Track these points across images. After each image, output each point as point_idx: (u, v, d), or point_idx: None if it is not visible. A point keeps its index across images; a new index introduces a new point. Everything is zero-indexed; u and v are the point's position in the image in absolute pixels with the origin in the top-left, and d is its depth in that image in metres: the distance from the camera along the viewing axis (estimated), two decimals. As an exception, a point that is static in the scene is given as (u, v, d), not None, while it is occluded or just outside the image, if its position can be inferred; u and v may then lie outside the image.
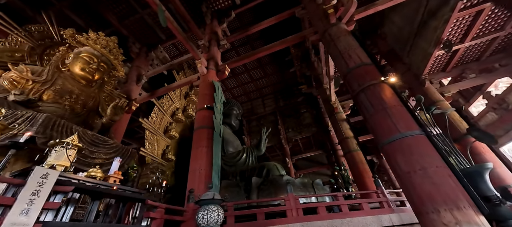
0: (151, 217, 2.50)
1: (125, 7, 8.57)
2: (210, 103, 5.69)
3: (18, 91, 3.36)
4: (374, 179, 3.91)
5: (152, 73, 8.89)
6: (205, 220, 2.54)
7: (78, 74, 4.88)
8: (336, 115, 8.72)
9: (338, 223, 3.14)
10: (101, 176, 2.65)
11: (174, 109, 8.92)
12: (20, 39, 4.88)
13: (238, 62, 6.90)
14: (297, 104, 19.32)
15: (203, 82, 6.28)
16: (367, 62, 4.36)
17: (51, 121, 2.95)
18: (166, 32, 9.95)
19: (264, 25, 7.66)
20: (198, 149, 4.82)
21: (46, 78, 4.13)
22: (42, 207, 1.57)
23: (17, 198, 1.47)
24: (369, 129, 3.89)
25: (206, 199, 2.68)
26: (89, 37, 5.23)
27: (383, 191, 3.74)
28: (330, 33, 5.21)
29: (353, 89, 4.19)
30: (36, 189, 1.57)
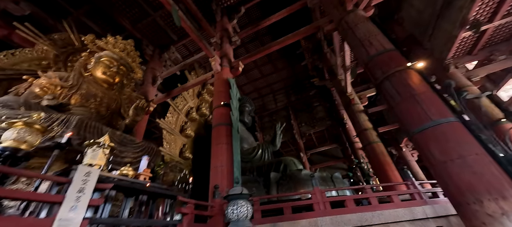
0: (183, 213, 2.54)
1: (137, 11, 8.76)
2: (226, 100, 5.70)
3: (50, 96, 3.54)
4: (403, 170, 3.74)
5: (166, 74, 9.07)
6: (235, 214, 2.54)
7: (100, 78, 5.05)
8: (353, 106, 8.46)
9: (368, 216, 3.04)
10: (133, 174, 2.73)
11: (188, 109, 9.06)
12: (45, 48, 5.13)
13: (251, 58, 6.84)
14: (309, 98, 19.01)
15: (217, 79, 6.30)
16: (390, 48, 4.14)
17: (84, 122, 3.08)
18: (178, 33, 10.08)
19: (275, 18, 7.53)
20: (218, 145, 4.86)
21: (72, 83, 4.31)
22: (87, 204, 1.63)
23: (66, 195, 1.54)
24: (396, 118, 3.71)
25: (234, 194, 2.68)
26: (108, 41, 5.38)
27: (413, 182, 3.57)
28: (347, 21, 5.01)
29: (376, 77, 4.00)
30: (81, 186, 1.63)
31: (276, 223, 3.01)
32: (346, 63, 7.05)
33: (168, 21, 9.38)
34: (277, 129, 10.78)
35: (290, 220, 3.03)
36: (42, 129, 2.02)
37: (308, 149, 20.91)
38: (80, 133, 2.90)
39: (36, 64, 4.86)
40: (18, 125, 1.94)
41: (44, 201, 1.46)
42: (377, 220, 3.02)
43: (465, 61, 7.76)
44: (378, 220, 3.01)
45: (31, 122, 1.97)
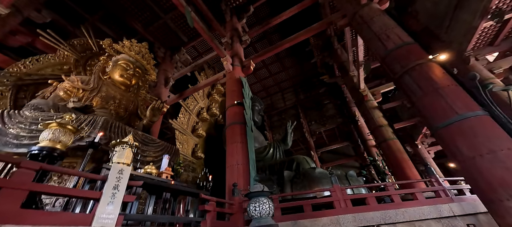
0: (206, 210, 2.58)
1: (149, 14, 8.96)
2: (239, 99, 5.73)
3: (75, 98, 3.70)
4: (426, 167, 3.62)
5: (178, 75, 9.23)
6: (257, 211, 2.55)
7: (117, 80, 5.21)
8: (366, 103, 8.26)
9: (391, 214, 2.96)
10: (156, 172, 2.80)
11: (199, 109, 9.19)
12: (66, 53, 5.35)
13: (262, 56, 6.84)
14: (319, 96, 18.77)
15: (229, 79, 6.34)
16: (408, 41, 4.02)
17: (109, 123, 3.20)
18: (188, 35, 10.24)
19: (285, 15, 7.48)
20: (233, 144, 4.89)
21: (93, 86, 4.47)
22: (122, 200, 1.69)
23: (103, 192, 1.60)
24: (417, 113, 3.60)
25: (256, 192, 2.69)
26: (124, 45, 5.54)
27: (437, 179, 3.45)
28: (361, 15, 4.90)
29: (395, 71, 3.89)
30: (116, 183, 1.69)
31: (296, 221, 3.00)
32: (359, 58, 6.89)
33: (179, 23, 9.54)
34: (288, 127, 10.73)
35: (310, 218, 3.00)
36: (74, 129, 2.11)
37: (319, 147, 20.66)
38: (106, 133, 3.01)
39: (58, 69, 5.08)
40: (52, 126, 2.03)
41: (85, 197, 1.52)
42: (401, 218, 2.94)
43: (486, 52, 7.39)
44: (402, 218, 2.93)
45: (64, 122, 2.06)
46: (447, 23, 7.53)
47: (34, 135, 2.50)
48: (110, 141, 2.66)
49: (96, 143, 2.12)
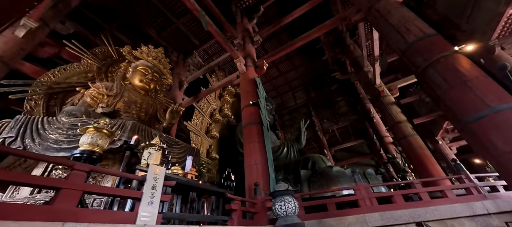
0: (232, 209, 2.63)
1: (162, 20, 9.23)
2: (254, 100, 5.77)
3: (104, 104, 3.90)
4: (455, 163, 3.47)
5: (192, 78, 9.44)
6: (283, 210, 2.57)
7: (137, 85, 5.41)
8: (383, 99, 8.03)
9: (421, 212, 2.87)
10: (181, 173, 2.88)
11: (211, 111, 9.33)
12: (89, 62, 5.63)
13: (275, 56, 6.85)
14: (330, 93, 18.45)
15: (243, 79, 6.39)
16: (431, 33, 3.87)
17: (136, 126, 3.35)
18: (199, 38, 10.44)
19: (297, 13, 7.43)
20: (251, 144, 4.93)
21: (116, 92, 4.68)
22: (160, 200, 1.76)
23: (143, 192, 1.68)
24: (443, 107, 3.46)
25: (281, 190, 2.71)
26: (142, 51, 5.75)
27: (468, 175, 3.29)
28: (377, 9, 4.77)
29: (417, 65, 3.76)
30: (153, 183, 1.77)
31: (321, 220, 2.98)
32: (375, 53, 6.71)
33: (190, 27, 9.75)
34: (302, 126, 10.63)
35: (336, 217, 2.97)
36: (109, 133, 2.23)
37: (332, 145, 20.29)
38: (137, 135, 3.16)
39: (83, 77, 5.36)
40: (90, 130, 2.16)
41: (127, 196, 1.61)
42: (431, 216, 2.84)
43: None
44: (433, 216, 2.83)
45: (100, 127, 2.19)
46: (468, 12, 7.14)
47: (71, 139, 2.68)
48: (138, 144, 2.78)
49: (132, 145, 2.23)
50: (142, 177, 1.74)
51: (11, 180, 1.09)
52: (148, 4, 8.41)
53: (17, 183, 1.17)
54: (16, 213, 1.04)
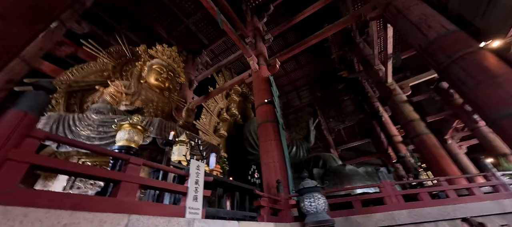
0: (261, 206, 2.64)
1: (172, 20, 9.27)
2: (269, 98, 5.77)
3: (128, 101, 3.94)
4: (480, 161, 3.43)
5: (201, 77, 9.46)
6: (313, 207, 2.56)
7: (153, 84, 5.45)
8: (395, 97, 7.96)
9: (450, 210, 2.84)
10: (208, 170, 2.89)
11: (219, 110, 9.34)
12: (105, 60, 5.68)
13: (287, 54, 6.83)
14: (337, 92, 18.34)
15: (257, 78, 6.39)
16: (453, 29, 3.83)
17: (162, 123, 3.38)
18: (208, 37, 10.46)
19: (308, 12, 7.41)
20: (267, 142, 4.93)
21: (134, 90, 4.72)
22: (202, 195, 1.77)
23: (188, 186, 1.69)
24: (469, 103, 3.42)
25: (309, 187, 2.71)
26: (158, 50, 5.78)
27: (494, 173, 3.25)
28: (395, 6, 4.73)
29: (440, 61, 3.72)
30: (196, 179, 1.78)
31: (348, 217, 2.97)
32: (388, 51, 6.65)
33: (200, 26, 9.78)
34: (310, 125, 10.58)
35: (362, 214, 2.96)
36: (142, 129, 2.24)
37: (338, 145, 20.20)
38: (161, 133, 3.18)
39: (99, 76, 5.41)
40: (126, 127, 2.18)
41: (175, 191, 1.62)
42: (460, 214, 2.81)
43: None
44: (462, 214, 2.80)
45: (135, 123, 2.20)
46: (484, 8, 7.04)
47: (102, 136, 2.72)
48: (175, 139, 2.80)
49: (171, 140, 2.24)
50: (186, 172, 1.75)
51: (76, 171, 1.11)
52: (158, 3, 8.46)
53: (79, 174, 1.19)
54: (90, 205, 1.05)
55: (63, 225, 0.90)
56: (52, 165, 1.01)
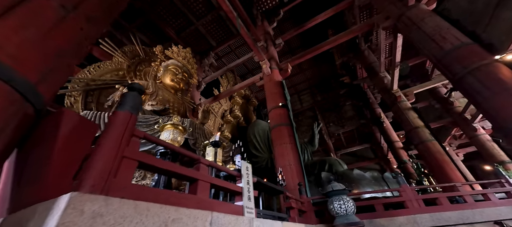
0: (291, 207, 2.71)
1: (182, 21, 9.32)
2: (281, 101, 5.87)
3: (154, 102, 3.96)
4: (494, 167, 3.59)
5: (209, 78, 9.51)
6: (343, 209, 2.65)
7: (169, 85, 5.48)
8: (399, 104, 8.18)
9: (468, 214, 2.97)
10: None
11: (223, 112, 9.37)
12: (120, 60, 5.69)
13: (300, 59, 6.97)
14: (337, 97, 18.60)
15: (269, 82, 6.49)
16: (467, 41, 4.02)
17: (193, 124, 3.41)
18: (216, 39, 10.54)
19: (320, 18, 7.59)
20: (282, 145, 5.01)
21: (152, 90, 4.74)
22: (253, 194, 1.84)
23: (242, 186, 1.75)
24: (484, 114, 3.59)
25: (338, 190, 2.79)
26: (173, 51, 5.82)
27: (507, 180, 3.41)
28: (409, 17, 4.93)
29: (455, 72, 3.90)
30: (247, 179, 1.84)
31: (372, 220, 3.06)
32: (396, 59, 6.87)
33: (209, 28, 9.85)
34: (315, 128, 10.71)
35: (385, 217, 3.06)
36: (183, 129, 2.29)
37: (337, 149, 20.43)
38: (193, 133, 3.22)
39: (115, 75, 5.41)
40: (168, 127, 2.23)
41: (232, 190, 1.68)
42: (479, 218, 2.94)
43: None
44: (481, 218, 2.93)
45: (177, 123, 2.26)
46: (486, 21, 7.36)
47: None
48: (196, 142, 2.85)
49: (219, 141, 2.30)
50: (238, 172, 1.81)
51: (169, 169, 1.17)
52: (170, 4, 8.51)
53: (168, 172, 1.24)
54: (180, 201, 1.11)
55: (172, 219, 0.96)
56: (153, 163, 1.07)
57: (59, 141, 0.87)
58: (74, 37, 1.20)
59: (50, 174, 0.82)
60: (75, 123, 0.95)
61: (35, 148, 0.97)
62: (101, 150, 0.87)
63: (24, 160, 0.99)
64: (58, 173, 0.84)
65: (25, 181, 0.94)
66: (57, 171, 0.84)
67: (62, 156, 0.87)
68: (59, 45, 1.08)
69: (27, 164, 0.97)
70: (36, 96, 0.96)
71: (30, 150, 0.99)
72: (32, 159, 0.96)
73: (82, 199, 0.69)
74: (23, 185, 0.94)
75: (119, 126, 0.96)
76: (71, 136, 0.92)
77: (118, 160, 0.92)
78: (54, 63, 1.06)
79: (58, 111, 0.95)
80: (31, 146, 0.99)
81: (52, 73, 1.05)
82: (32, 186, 0.88)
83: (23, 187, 0.93)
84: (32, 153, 0.98)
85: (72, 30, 1.17)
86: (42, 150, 0.91)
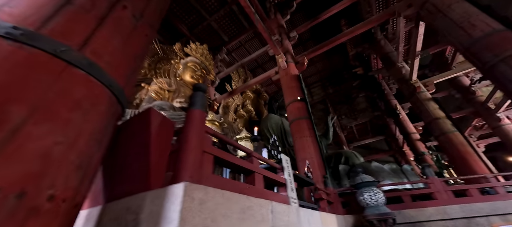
0: (321, 198, 2.79)
1: (195, 17, 9.39)
2: (300, 95, 5.88)
3: (182, 99, 4.13)
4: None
5: (223, 74, 9.60)
6: (374, 200, 2.70)
7: (189, 81, 5.63)
8: (419, 95, 7.96)
9: (500, 205, 2.94)
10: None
11: (235, 106, 9.45)
12: (141, 58, 5.87)
13: (315, 52, 6.90)
14: (349, 89, 18.25)
15: (285, 76, 6.50)
16: (500, 28, 3.84)
17: (227, 120, 3.55)
18: (228, 34, 10.57)
19: (335, 9, 7.42)
20: (303, 139, 5.07)
21: (175, 87, 4.90)
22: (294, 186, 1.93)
23: (285, 178, 1.84)
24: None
25: (367, 182, 2.84)
26: (191, 48, 5.93)
27: (542, 171, 3.32)
28: (433, 4, 4.74)
29: (485, 61, 3.76)
30: (288, 171, 1.93)
31: (401, 211, 3.10)
32: (417, 48, 6.65)
33: (221, 23, 9.88)
34: (329, 121, 10.64)
35: (414, 208, 3.09)
36: (219, 124, 2.40)
37: (349, 142, 20.21)
38: (225, 129, 3.36)
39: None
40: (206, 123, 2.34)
41: (278, 181, 1.78)
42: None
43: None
44: (514, 209, 2.90)
45: (214, 119, 2.36)
46: (516, 5, 6.93)
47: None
48: (260, 135, 2.97)
49: (257, 136, 2.41)
50: (280, 166, 1.91)
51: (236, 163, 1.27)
52: (183, 1, 8.58)
53: (234, 166, 1.35)
54: (247, 191, 1.21)
55: (247, 207, 1.06)
56: (223, 157, 1.17)
57: (152, 137, 0.98)
58: (143, 43, 1.30)
59: (150, 167, 0.93)
60: (160, 121, 1.06)
61: (124, 144, 1.09)
62: (189, 145, 0.98)
63: (113, 155, 1.12)
64: (154, 166, 0.95)
65: (119, 174, 1.06)
66: (153, 164, 0.95)
67: (155, 151, 0.98)
68: (135, 51, 1.19)
69: (118, 159, 1.09)
70: (124, 98, 1.07)
71: (119, 146, 1.11)
72: (123, 154, 1.07)
73: (191, 188, 0.80)
74: (117, 177, 1.06)
75: (198, 123, 1.06)
76: (159, 133, 1.03)
77: (201, 154, 1.02)
78: (133, 67, 1.17)
79: (145, 111, 1.06)
80: (119, 143, 1.11)
81: (132, 76, 1.16)
82: (130, 178, 1.00)
83: (117, 179, 1.06)
84: (121, 149, 1.10)
85: (141, 36, 1.27)
86: (134, 146, 1.03)
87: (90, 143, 0.82)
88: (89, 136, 0.82)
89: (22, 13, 0.79)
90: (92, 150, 0.83)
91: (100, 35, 0.98)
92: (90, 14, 0.98)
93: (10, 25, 0.73)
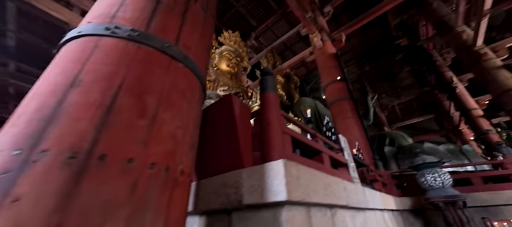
0: (375, 179, 2.68)
1: (223, 5, 9.39)
2: (339, 75, 5.55)
3: (225, 87, 4.36)
4: None
5: (254, 60, 9.60)
6: (439, 182, 2.49)
7: (225, 70, 5.79)
8: (485, 63, 6.71)
9: None
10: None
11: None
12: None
13: (354, 26, 6.34)
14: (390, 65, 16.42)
15: (321, 55, 6.16)
16: None
17: None
18: (256, 18, 10.36)
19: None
20: (345, 120, 4.85)
21: (214, 77, 5.11)
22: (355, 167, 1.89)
23: (346, 158, 1.81)
24: None
25: (431, 162, 2.62)
26: (225, 36, 6.03)
27: None
28: None
29: None
30: (347, 152, 1.89)
31: (468, 193, 2.80)
32: (485, 6, 5.50)
33: (249, 8, 9.70)
34: (369, 101, 9.94)
35: (487, 191, 2.75)
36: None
37: (391, 123, 18.62)
38: None
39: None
40: (256, 107, 2.41)
41: (341, 162, 1.78)
42: None
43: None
44: None
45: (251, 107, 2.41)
46: None
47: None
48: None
49: (311, 118, 2.43)
50: (339, 147, 1.88)
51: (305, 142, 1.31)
52: (211, -10, 8.63)
53: (297, 142, 1.40)
54: (324, 169, 1.25)
55: (328, 183, 1.10)
56: (298, 137, 1.22)
57: (237, 121, 1.06)
58: (210, 34, 1.37)
59: (240, 148, 1.02)
60: (240, 105, 1.14)
61: (210, 127, 1.20)
62: (272, 127, 1.03)
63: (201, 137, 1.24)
64: (243, 146, 1.04)
65: (212, 155, 1.18)
66: (242, 145, 1.04)
67: (241, 133, 1.06)
68: (208, 42, 1.26)
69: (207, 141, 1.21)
70: (206, 87, 1.17)
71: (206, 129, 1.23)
72: (210, 136, 1.19)
73: (288, 165, 0.86)
74: (210, 157, 1.18)
75: (275, 105, 1.11)
76: (241, 117, 1.10)
77: (282, 134, 1.07)
78: (207, 58, 1.25)
79: (226, 97, 1.14)
80: (205, 126, 1.23)
81: (207, 67, 1.24)
82: (222, 158, 1.10)
83: (210, 159, 1.18)
84: (208, 131, 1.21)
85: (210, 27, 1.34)
86: (221, 129, 1.12)
87: (195, 126, 0.93)
88: (194, 121, 0.93)
89: (132, 17, 0.91)
90: (196, 133, 0.95)
91: (185, 30, 1.07)
92: (175, 11, 1.06)
93: (129, 28, 0.85)
